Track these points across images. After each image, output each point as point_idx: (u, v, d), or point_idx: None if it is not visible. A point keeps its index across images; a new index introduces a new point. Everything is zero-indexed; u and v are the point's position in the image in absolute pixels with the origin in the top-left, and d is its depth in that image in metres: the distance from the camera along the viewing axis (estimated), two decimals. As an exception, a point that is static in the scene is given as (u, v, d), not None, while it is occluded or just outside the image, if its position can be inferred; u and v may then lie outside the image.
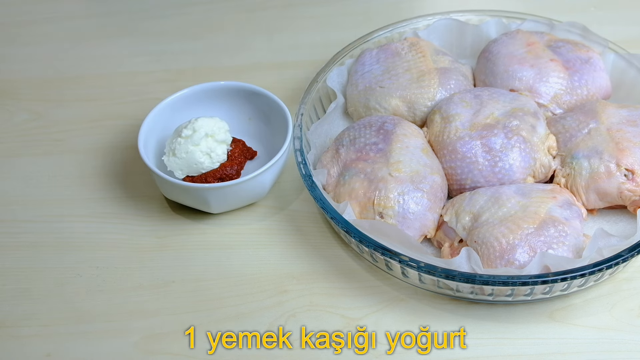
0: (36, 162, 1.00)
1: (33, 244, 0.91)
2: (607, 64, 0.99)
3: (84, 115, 1.07)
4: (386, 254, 0.78)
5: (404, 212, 0.83)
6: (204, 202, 0.88)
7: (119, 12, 1.25)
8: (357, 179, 0.85)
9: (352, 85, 0.99)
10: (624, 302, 0.82)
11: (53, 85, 1.13)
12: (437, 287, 0.81)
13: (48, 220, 0.93)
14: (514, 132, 0.87)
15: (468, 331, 0.80)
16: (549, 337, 0.79)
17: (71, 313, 0.83)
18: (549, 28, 1.04)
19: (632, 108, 0.90)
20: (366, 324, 0.81)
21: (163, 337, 0.81)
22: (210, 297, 0.84)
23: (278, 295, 0.84)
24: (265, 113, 0.97)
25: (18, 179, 0.98)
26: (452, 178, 0.88)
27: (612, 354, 0.77)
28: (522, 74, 0.95)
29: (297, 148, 0.89)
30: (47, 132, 1.05)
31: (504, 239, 0.78)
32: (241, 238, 0.90)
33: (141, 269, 0.87)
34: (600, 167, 0.84)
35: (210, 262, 0.88)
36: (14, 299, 0.85)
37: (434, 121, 0.91)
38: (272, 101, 0.95)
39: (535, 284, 0.75)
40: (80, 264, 0.88)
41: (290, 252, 0.88)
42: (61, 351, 0.80)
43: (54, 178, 0.98)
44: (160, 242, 0.90)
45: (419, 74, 0.96)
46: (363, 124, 0.91)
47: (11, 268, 0.88)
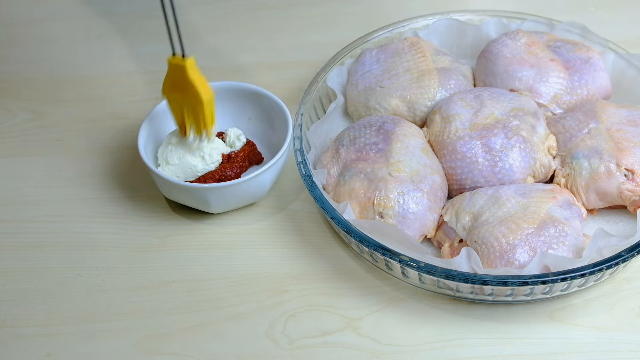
0: (36, 162, 1.00)
1: (33, 244, 0.90)
2: (607, 64, 0.98)
3: (84, 115, 1.07)
4: (386, 254, 0.78)
5: (404, 212, 0.83)
6: (204, 202, 0.88)
7: (119, 13, 1.25)
8: (357, 179, 0.85)
9: (352, 85, 0.99)
10: (624, 302, 0.82)
11: (53, 85, 1.12)
12: (437, 287, 0.81)
13: (48, 220, 0.93)
14: (514, 132, 0.87)
15: (468, 331, 0.80)
16: (549, 337, 0.79)
17: (71, 313, 0.83)
18: (548, 28, 1.04)
19: (632, 108, 0.90)
20: (366, 324, 0.81)
21: (163, 337, 0.81)
22: (210, 297, 0.84)
23: (278, 295, 0.84)
24: (265, 113, 0.97)
25: (18, 179, 0.98)
26: (452, 178, 0.88)
27: (612, 354, 0.77)
28: (522, 74, 0.95)
29: (297, 148, 0.89)
30: (47, 132, 1.05)
31: (504, 239, 0.78)
32: (241, 238, 0.90)
33: (141, 269, 0.87)
34: (600, 167, 0.84)
35: (210, 262, 0.88)
36: (14, 299, 0.85)
37: (434, 121, 0.91)
38: (272, 101, 0.95)
39: (535, 284, 0.75)
40: (80, 264, 0.88)
41: (290, 252, 0.88)
42: (61, 351, 0.80)
43: (54, 178, 0.98)
44: (160, 242, 0.90)
45: (419, 74, 0.96)
46: (363, 124, 0.91)
47: (11, 268, 0.88)
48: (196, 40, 1.20)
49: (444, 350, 0.79)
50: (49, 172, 0.99)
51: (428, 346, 0.79)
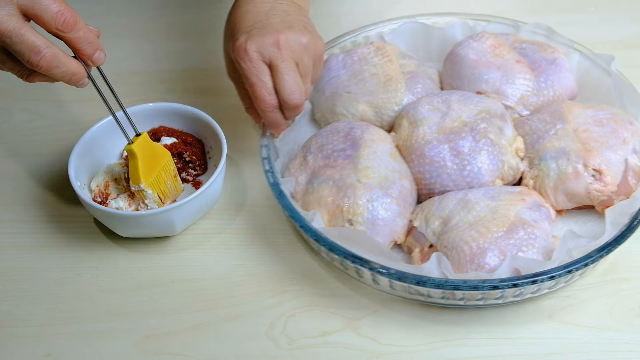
0: (36, 162, 1.01)
1: (33, 244, 0.91)
2: (572, 64, 0.99)
3: (84, 115, 1.07)
4: (356, 261, 0.78)
5: (374, 218, 0.82)
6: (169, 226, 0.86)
7: (118, 13, 1.24)
8: (325, 186, 0.84)
9: (319, 91, 0.98)
10: (624, 302, 0.82)
11: (53, 85, 1.11)
12: (408, 293, 0.80)
13: (48, 220, 0.93)
14: (481, 135, 0.87)
15: (468, 331, 0.80)
16: (549, 337, 0.79)
17: (71, 313, 0.84)
18: (514, 30, 1.04)
19: (597, 108, 0.90)
20: (366, 324, 0.81)
21: (163, 337, 0.81)
22: (210, 297, 0.84)
23: (278, 295, 0.84)
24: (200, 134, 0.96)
25: (18, 179, 0.98)
26: (421, 182, 0.87)
27: (612, 354, 0.77)
28: (488, 76, 0.95)
29: (264, 156, 0.88)
30: (47, 132, 1.05)
31: (473, 243, 0.78)
32: (241, 238, 0.90)
33: (141, 269, 0.87)
34: (568, 168, 0.85)
35: (210, 262, 0.88)
36: (14, 299, 0.85)
37: (401, 126, 0.91)
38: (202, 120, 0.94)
39: (506, 288, 0.75)
40: (80, 264, 0.88)
41: (290, 252, 0.88)
42: (61, 351, 0.80)
43: (54, 178, 0.98)
44: (160, 242, 0.90)
45: (385, 78, 0.95)
46: (330, 130, 0.90)
47: (11, 268, 0.88)
48: (197, 40, 1.19)
49: (444, 350, 0.79)
50: (49, 172, 0.99)
51: (428, 346, 0.79)
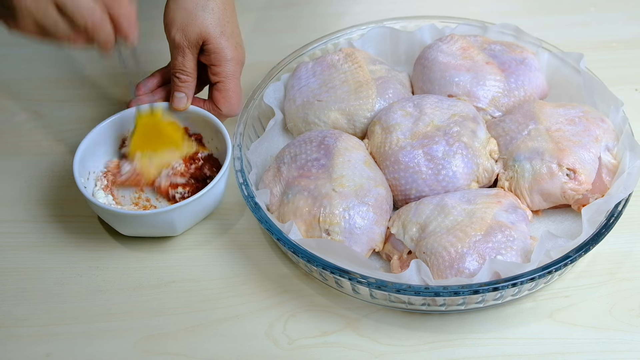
0: (36, 162, 1.00)
1: (33, 244, 0.90)
2: (541, 63, 0.99)
3: (84, 115, 1.07)
4: (335, 272, 0.77)
5: (351, 227, 0.81)
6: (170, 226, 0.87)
7: None
8: (300, 197, 0.84)
9: (290, 100, 0.97)
10: (624, 302, 0.82)
11: (53, 85, 1.13)
12: (389, 301, 0.80)
13: (48, 220, 0.93)
14: (455, 139, 0.86)
15: (468, 331, 0.80)
16: (549, 337, 0.79)
17: (71, 313, 0.83)
18: (482, 31, 1.04)
19: (569, 107, 0.90)
20: (366, 324, 0.81)
21: (163, 337, 0.81)
22: (210, 297, 0.84)
23: (278, 295, 0.84)
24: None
25: (18, 179, 0.98)
26: (396, 189, 0.87)
27: (612, 354, 0.78)
28: (459, 78, 0.95)
29: (237, 169, 0.88)
30: (47, 132, 1.05)
31: (452, 248, 0.78)
32: (241, 238, 0.90)
33: (141, 269, 0.87)
34: (542, 168, 0.85)
35: (210, 262, 0.88)
36: (14, 299, 0.85)
37: (374, 132, 0.90)
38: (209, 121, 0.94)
39: (486, 292, 0.74)
40: (80, 264, 0.88)
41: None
42: (61, 351, 0.80)
43: (54, 178, 0.98)
44: (160, 242, 0.89)
45: (356, 85, 0.95)
46: (303, 139, 0.90)
47: (11, 268, 0.88)
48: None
49: (444, 350, 0.78)
50: (49, 172, 0.99)
51: (428, 346, 0.79)
